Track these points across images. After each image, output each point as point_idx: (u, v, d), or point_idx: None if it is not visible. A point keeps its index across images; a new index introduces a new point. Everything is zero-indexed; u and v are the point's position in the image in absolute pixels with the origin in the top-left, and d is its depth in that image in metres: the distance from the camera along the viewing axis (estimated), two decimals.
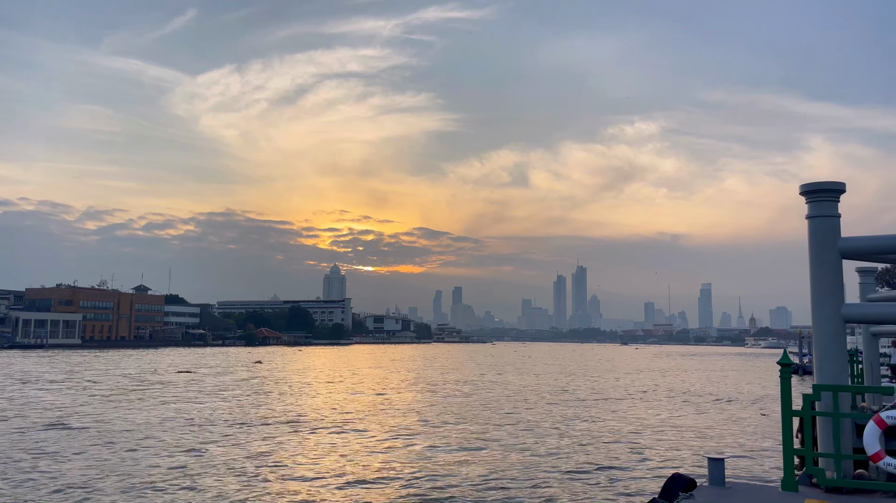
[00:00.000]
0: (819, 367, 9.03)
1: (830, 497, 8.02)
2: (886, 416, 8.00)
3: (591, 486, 17.28)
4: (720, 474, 8.63)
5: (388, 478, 17.94)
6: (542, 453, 21.97)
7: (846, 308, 8.87)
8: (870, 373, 19.32)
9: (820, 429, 8.74)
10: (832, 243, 8.88)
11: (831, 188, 8.94)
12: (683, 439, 25.43)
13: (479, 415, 32.67)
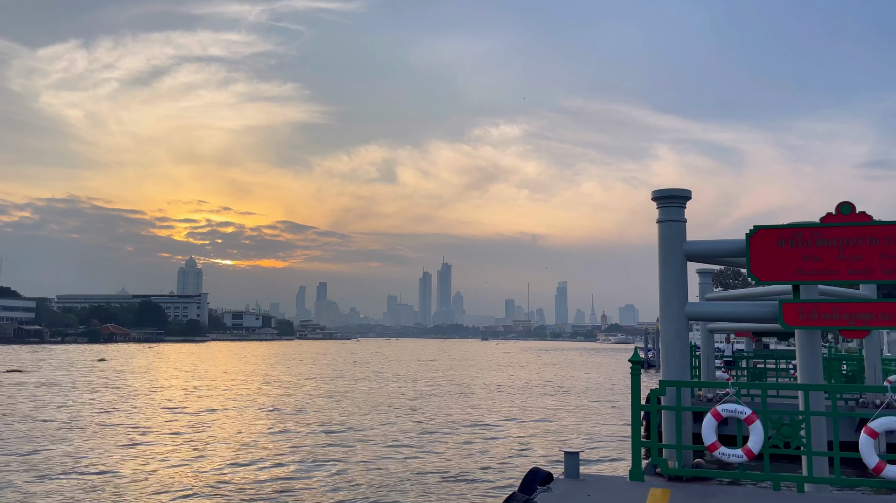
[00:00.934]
0: (665, 362, 9.58)
1: (672, 485, 8.52)
2: (722, 409, 8.61)
3: (450, 483, 17.47)
4: (575, 467, 8.94)
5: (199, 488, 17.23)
6: (400, 452, 21.97)
7: (689, 307, 9.48)
8: (706, 366, 20.97)
9: (664, 421, 9.28)
10: (679, 246, 9.45)
11: (679, 195, 9.51)
12: (543, 433, 26.39)
13: (335, 412, 32.26)
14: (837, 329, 9.01)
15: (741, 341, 42.62)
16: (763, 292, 14.13)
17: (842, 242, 8.70)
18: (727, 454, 8.50)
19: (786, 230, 8.92)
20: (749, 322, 11.35)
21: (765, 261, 8.90)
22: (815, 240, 8.79)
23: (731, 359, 28.77)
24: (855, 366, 25.95)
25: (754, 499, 8.00)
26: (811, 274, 8.81)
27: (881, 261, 8.59)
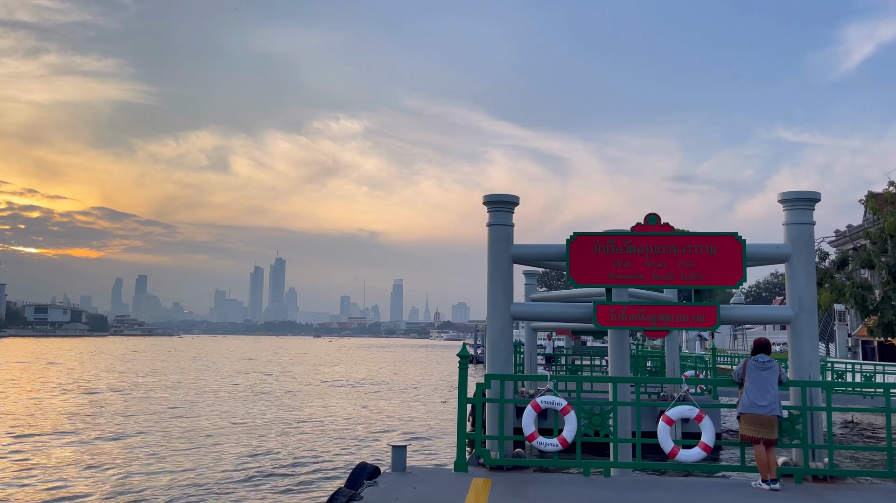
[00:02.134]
0: (490, 358, 10.07)
1: (494, 474, 8.98)
2: (541, 401, 9.21)
3: (276, 479, 17.13)
4: (402, 460, 9.15)
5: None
6: (226, 452, 21.20)
7: (514, 306, 10.04)
8: (529, 362, 22.21)
9: (488, 414, 9.75)
10: (506, 249, 9.98)
11: (508, 201, 10.04)
12: (374, 429, 26.56)
13: (144, 415, 30.46)
14: (642, 329, 9.96)
15: (562, 339, 45.50)
16: (581, 294, 15.24)
17: (648, 250, 9.61)
18: (544, 443, 9.10)
19: (601, 237, 9.71)
20: (568, 321, 12.24)
21: (582, 266, 9.63)
22: (626, 247, 9.64)
23: (551, 356, 30.65)
24: (658, 363, 28.65)
25: (567, 484, 8.62)
26: (621, 278, 9.65)
27: (680, 268, 9.60)
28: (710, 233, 9.65)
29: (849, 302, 38.31)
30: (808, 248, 9.81)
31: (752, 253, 9.66)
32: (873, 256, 38.23)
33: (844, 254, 43.16)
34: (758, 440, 8.52)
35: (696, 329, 10.17)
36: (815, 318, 9.72)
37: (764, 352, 8.93)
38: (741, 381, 8.95)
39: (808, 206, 9.80)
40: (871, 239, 39.01)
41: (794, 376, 9.58)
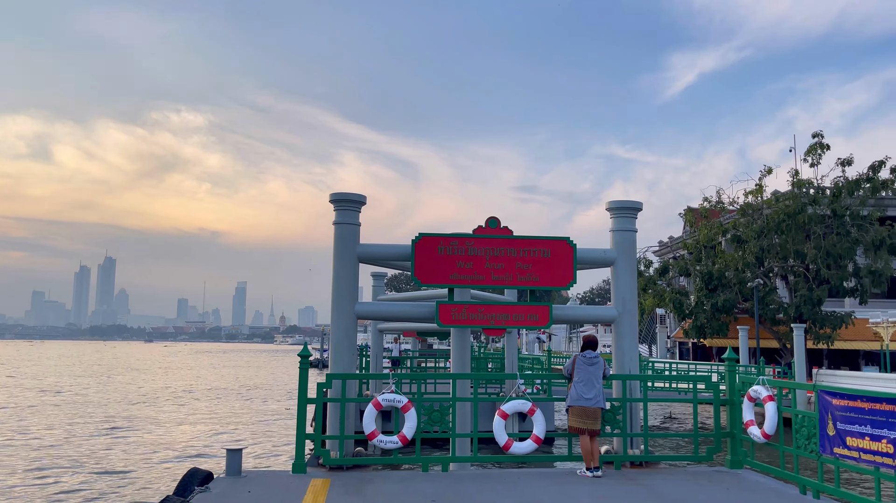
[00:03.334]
0: (333, 359, 9.99)
1: (333, 474, 8.91)
2: (382, 400, 9.27)
3: (106, 483, 15.91)
4: (237, 464, 8.84)
5: None
6: (50, 461, 19.40)
7: (359, 306, 10.03)
8: (375, 363, 22.25)
9: (329, 414, 9.67)
10: (352, 248, 9.96)
11: (355, 199, 10.03)
12: (212, 434, 25.38)
13: None
14: (481, 327, 10.32)
15: (408, 341, 45.93)
16: (426, 295, 15.51)
17: (488, 252, 9.98)
18: (384, 441, 9.16)
19: (444, 238, 9.95)
20: (412, 321, 12.42)
21: (426, 266, 9.82)
22: (468, 249, 9.96)
23: (397, 358, 30.90)
24: (499, 363, 29.77)
25: (405, 480, 8.74)
26: (463, 278, 9.95)
27: (517, 269, 10.05)
28: (545, 237, 10.19)
29: (668, 306, 41.98)
30: (630, 253, 10.63)
31: (582, 257, 10.32)
32: (689, 265, 42.13)
33: (666, 262, 47.24)
34: (583, 431, 9.11)
35: (530, 327, 10.68)
36: (635, 318, 10.54)
37: (591, 348, 9.56)
38: (570, 376, 9.53)
39: (631, 215, 10.64)
40: (688, 249, 43.00)
41: (616, 370, 10.34)
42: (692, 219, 43.51)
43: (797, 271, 38.44)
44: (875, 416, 6.94)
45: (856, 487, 13.88)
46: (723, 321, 39.88)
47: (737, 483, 8.71)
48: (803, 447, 8.05)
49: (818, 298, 36.56)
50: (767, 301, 38.16)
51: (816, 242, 36.96)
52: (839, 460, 7.46)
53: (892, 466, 6.70)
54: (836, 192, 37.43)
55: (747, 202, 40.42)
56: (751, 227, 39.04)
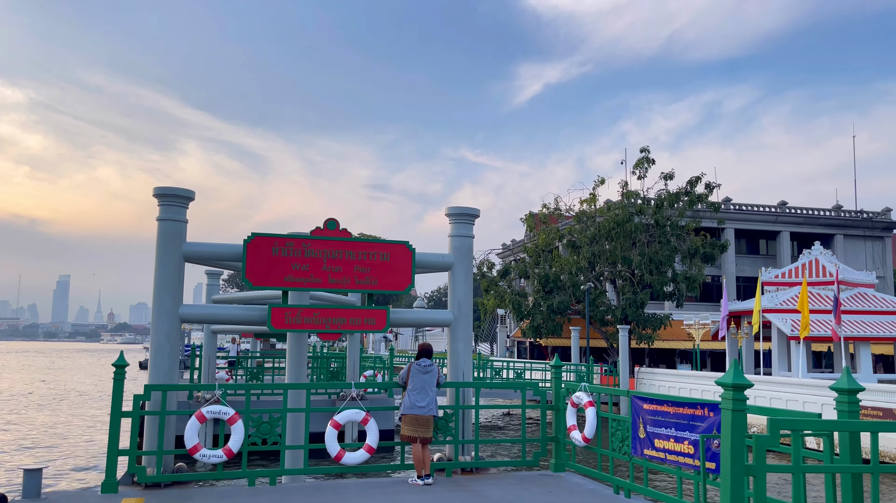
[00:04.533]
0: (153, 365, 9.28)
1: (148, 493, 8.26)
2: (207, 411, 8.73)
3: None
4: (36, 486, 7.95)
5: None
6: None
7: (183, 308, 9.39)
8: (207, 367, 21.12)
9: (146, 427, 8.96)
10: (177, 246, 9.30)
11: (182, 195, 9.38)
12: (7, 450, 22.89)
13: None
14: (317, 332, 10.03)
15: (248, 341, 44.20)
16: (264, 296, 14.92)
17: (326, 254, 9.71)
18: (207, 455, 8.63)
19: (280, 239, 9.56)
20: (244, 324, 11.85)
21: (259, 267, 9.37)
22: (305, 250, 9.63)
23: (235, 360, 29.61)
24: (342, 364, 29.36)
25: (229, 496, 8.28)
26: (298, 281, 9.61)
27: (356, 272, 9.87)
28: (384, 240, 10.09)
29: (508, 307, 43.58)
30: (467, 259, 10.78)
31: (421, 261, 10.33)
32: (529, 268, 44.01)
33: (507, 265, 49.03)
34: (415, 439, 9.12)
35: (367, 331, 10.55)
36: (470, 322, 10.72)
37: (426, 356, 9.60)
38: (405, 384, 9.51)
39: (468, 221, 10.80)
40: (528, 253, 44.93)
41: (450, 377, 10.45)
42: (532, 223, 45.47)
43: (624, 276, 41.32)
44: (679, 420, 7.48)
45: (667, 486, 15.04)
46: (557, 322, 42.00)
47: (559, 485, 9.08)
48: (618, 449, 8.53)
49: (641, 301, 39.51)
50: (598, 303, 40.68)
51: (641, 249, 39.93)
52: (648, 461, 7.97)
53: (692, 466, 7.24)
54: (659, 204, 40.66)
55: (582, 210, 42.89)
56: (584, 233, 41.45)
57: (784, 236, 56.81)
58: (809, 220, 57.09)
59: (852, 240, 57.96)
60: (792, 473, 5.80)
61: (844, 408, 6.32)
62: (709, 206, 42.61)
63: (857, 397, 6.37)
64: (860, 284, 35.77)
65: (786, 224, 56.65)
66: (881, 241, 59.05)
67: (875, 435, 5.80)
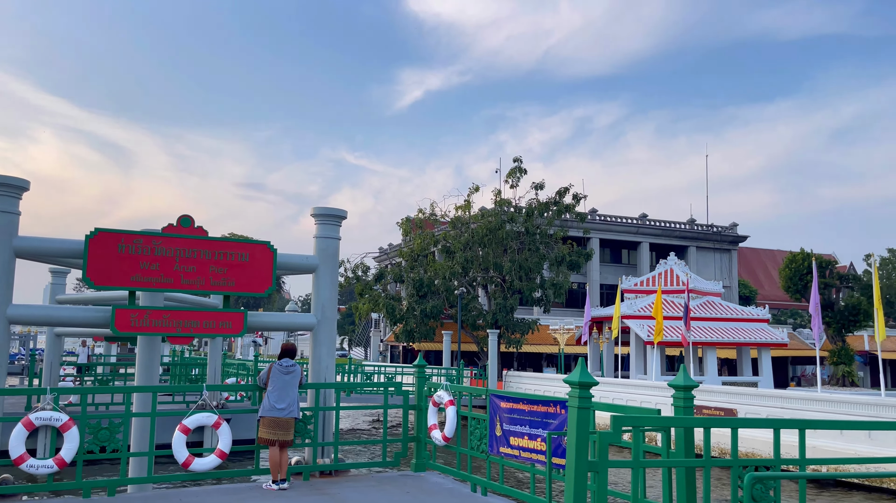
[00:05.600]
0: None
1: None
2: (35, 418, 7.99)
3: None
4: None
5: None
6: None
7: (13, 309, 8.55)
8: (49, 372, 19.48)
9: None
10: (7, 242, 8.47)
11: (13, 184, 8.56)
12: None
13: None
14: (167, 335, 9.44)
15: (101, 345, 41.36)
16: (115, 297, 13.91)
17: (179, 253, 9.17)
18: (35, 465, 7.90)
19: (127, 235, 8.92)
20: (85, 327, 10.94)
21: (102, 266, 8.70)
22: (155, 248, 9.04)
23: (84, 366, 27.54)
24: (204, 370, 28.06)
25: None
26: (147, 281, 9.00)
27: (211, 273, 9.38)
28: (243, 239, 9.69)
29: (382, 311, 43.44)
30: (332, 261, 10.56)
31: (283, 262, 10.00)
32: (404, 272, 44.11)
33: (383, 269, 48.90)
34: (274, 442, 8.80)
35: (223, 335, 10.08)
36: (334, 326, 10.50)
37: (289, 356, 9.31)
38: (265, 385, 9.16)
39: (335, 223, 10.58)
40: (404, 257, 45.03)
41: (312, 379, 10.18)
42: (408, 228, 45.65)
43: (496, 281, 42.33)
44: (533, 417, 7.66)
45: (527, 482, 15.43)
46: (431, 326, 42.34)
47: (418, 486, 9.05)
48: (476, 448, 8.63)
49: (511, 306, 40.62)
50: (470, 308, 41.40)
51: (512, 256, 41.07)
52: (504, 459, 8.10)
53: (544, 462, 7.43)
54: (530, 212, 42.04)
55: (457, 216, 43.55)
56: (459, 239, 42.11)
57: (644, 247, 60.38)
58: (667, 232, 61.03)
59: (703, 251, 62.52)
60: (631, 468, 6.07)
61: (680, 404, 6.71)
62: (576, 216, 44.52)
63: (693, 394, 6.78)
64: (709, 293, 38.61)
65: (646, 235, 60.24)
66: (728, 253, 64.08)
67: (707, 430, 6.17)
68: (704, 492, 5.92)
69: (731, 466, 5.87)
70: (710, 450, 6.11)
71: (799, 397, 22.20)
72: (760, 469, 5.91)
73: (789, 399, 22.04)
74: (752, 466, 5.92)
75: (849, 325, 48.27)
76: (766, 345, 37.16)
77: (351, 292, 68.03)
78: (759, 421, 6.68)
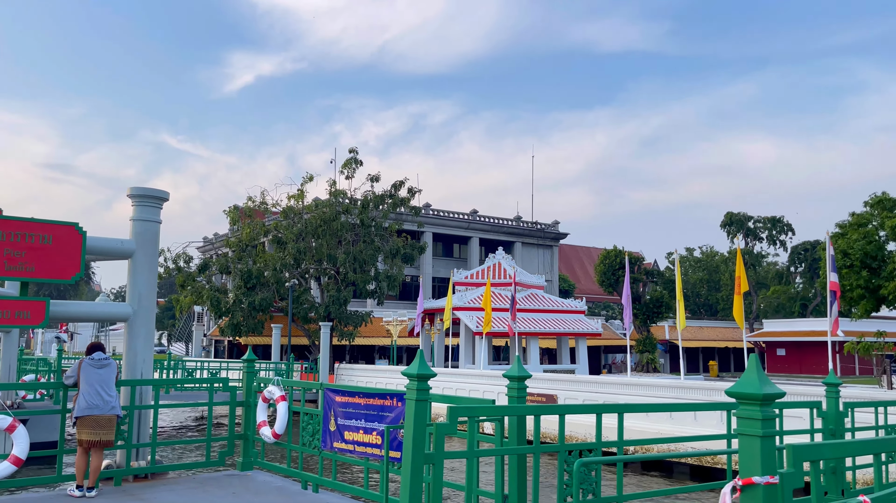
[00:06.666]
0: None
1: None
2: None
3: None
4: None
5: None
6: None
7: None
8: None
9: None
10: None
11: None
12: None
13: None
14: None
15: None
16: None
17: None
18: None
19: None
20: None
21: None
22: None
23: None
24: None
25: None
26: None
27: (6, 257, 8.27)
28: (45, 220, 8.63)
29: (206, 304, 41.27)
30: (152, 246, 9.71)
31: (94, 246, 9.04)
32: (231, 263, 42.19)
33: (207, 259, 46.44)
34: (96, 443, 7.99)
35: (20, 327, 8.96)
36: (152, 317, 9.67)
37: (100, 349, 8.51)
38: (76, 384, 8.27)
39: (155, 204, 9.73)
40: (231, 247, 43.03)
41: (127, 375, 9.31)
42: (237, 217, 43.72)
43: (329, 273, 41.72)
44: (369, 411, 7.50)
45: (361, 478, 15.27)
46: (259, 319, 40.90)
47: (244, 485, 8.58)
48: (308, 444, 8.32)
49: (345, 299, 40.23)
50: (302, 300, 40.47)
51: (347, 248, 40.68)
52: (338, 454, 7.88)
53: (379, 456, 7.30)
54: (365, 204, 41.86)
55: (290, 206, 42.35)
56: (291, 229, 40.99)
57: (474, 241, 62.40)
58: (495, 228, 63.50)
59: (528, 247, 65.79)
60: (466, 458, 6.11)
61: (514, 394, 6.86)
62: (410, 209, 44.99)
63: (526, 384, 6.97)
64: (532, 286, 40.65)
65: (476, 230, 62.28)
66: (550, 249, 67.95)
67: (538, 418, 6.35)
68: (534, 476, 6.09)
69: (559, 451, 6.08)
70: (540, 437, 6.29)
71: (611, 382, 23.97)
72: (585, 453, 6.18)
73: (603, 384, 23.72)
74: (578, 450, 6.17)
75: (653, 317, 53.09)
76: (583, 335, 39.81)
77: (171, 284, 64.00)
78: (585, 407, 7.00)
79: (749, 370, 3.70)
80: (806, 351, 55.49)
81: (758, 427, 3.54)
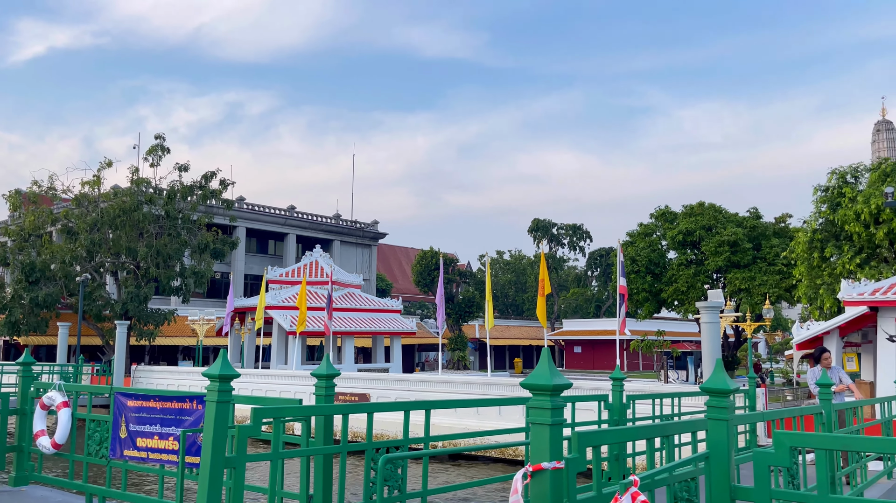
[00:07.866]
0: None
1: None
2: None
3: None
4: None
5: None
6: None
7: None
8: None
9: None
10: None
11: None
12: None
13: None
14: None
15: None
16: None
17: None
18: None
19: None
20: None
21: None
22: None
23: None
24: None
25: None
26: None
27: None
28: None
29: None
30: None
31: None
32: (10, 254, 37.71)
33: None
34: None
35: None
36: None
37: None
38: None
39: None
40: (10, 236, 38.44)
41: None
42: (18, 203, 39.15)
43: (128, 268, 38.66)
44: (165, 415, 7.03)
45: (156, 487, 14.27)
46: (43, 317, 36.99)
47: (18, 502, 7.68)
48: (95, 453, 7.62)
49: (145, 296, 37.50)
50: (95, 297, 37.14)
51: (149, 241, 37.93)
52: (128, 462, 7.30)
53: (176, 462, 6.86)
54: (172, 195, 39.28)
55: (83, 193, 38.70)
56: (85, 219, 37.51)
57: (291, 238, 60.96)
58: (314, 225, 62.50)
59: (347, 246, 65.52)
60: (270, 460, 5.92)
61: (322, 393, 6.77)
62: (222, 202, 42.87)
63: (334, 382, 6.90)
64: (350, 285, 40.56)
65: (293, 227, 60.88)
66: (369, 248, 68.19)
67: (346, 416, 6.31)
68: (340, 476, 6.05)
69: (366, 449, 6.09)
70: (348, 436, 6.26)
71: (423, 380, 24.53)
72: (392, 450, 6.24)
73: (415, 382, 24.21)
74: (384, 448, 6.22)
75: (465, 316, 55.19)
76: (398, 334, 40.38)
77: None
78: (392, 404, 7.07)
79: (541, 363, 3.93)
80: (599, 348, 60.63)
81: (547, 416, 3.77)
